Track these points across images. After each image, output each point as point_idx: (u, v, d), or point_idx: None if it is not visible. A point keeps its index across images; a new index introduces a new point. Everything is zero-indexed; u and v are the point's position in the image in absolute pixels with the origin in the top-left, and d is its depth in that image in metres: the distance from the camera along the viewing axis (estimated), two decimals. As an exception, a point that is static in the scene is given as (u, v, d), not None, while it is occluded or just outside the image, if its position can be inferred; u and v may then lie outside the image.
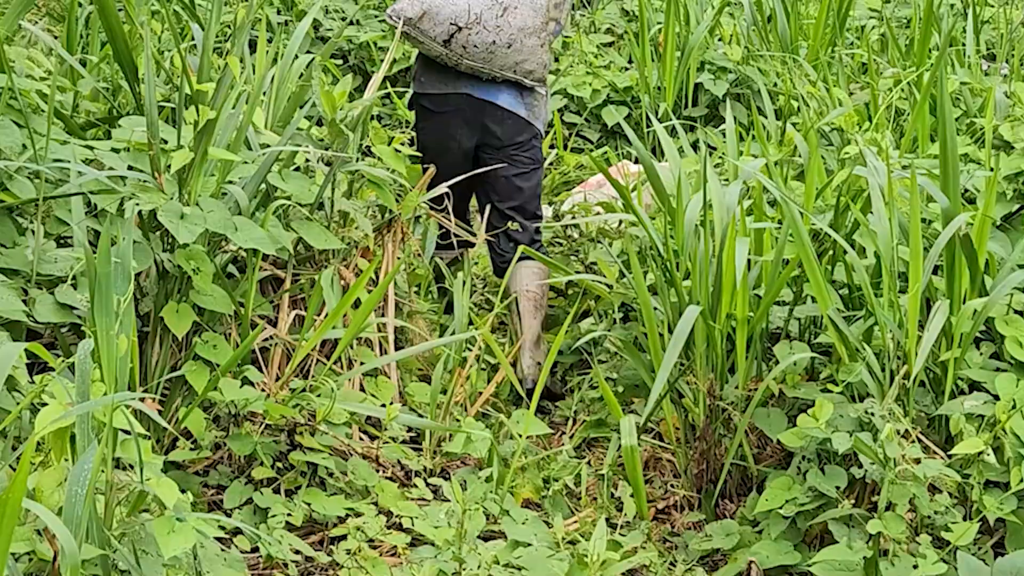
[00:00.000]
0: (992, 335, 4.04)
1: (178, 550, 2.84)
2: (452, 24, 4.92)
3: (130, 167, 3.88)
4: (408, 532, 3.77)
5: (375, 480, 3.94)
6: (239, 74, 3.98)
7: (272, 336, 4.11)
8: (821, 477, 3.76)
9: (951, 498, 3.65)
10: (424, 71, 5.14)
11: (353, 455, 3.99)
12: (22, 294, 3.54)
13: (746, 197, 4.28)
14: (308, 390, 3.87)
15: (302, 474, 3.85)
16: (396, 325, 4.38)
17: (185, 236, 3.63)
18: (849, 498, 3.73)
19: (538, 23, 5.02)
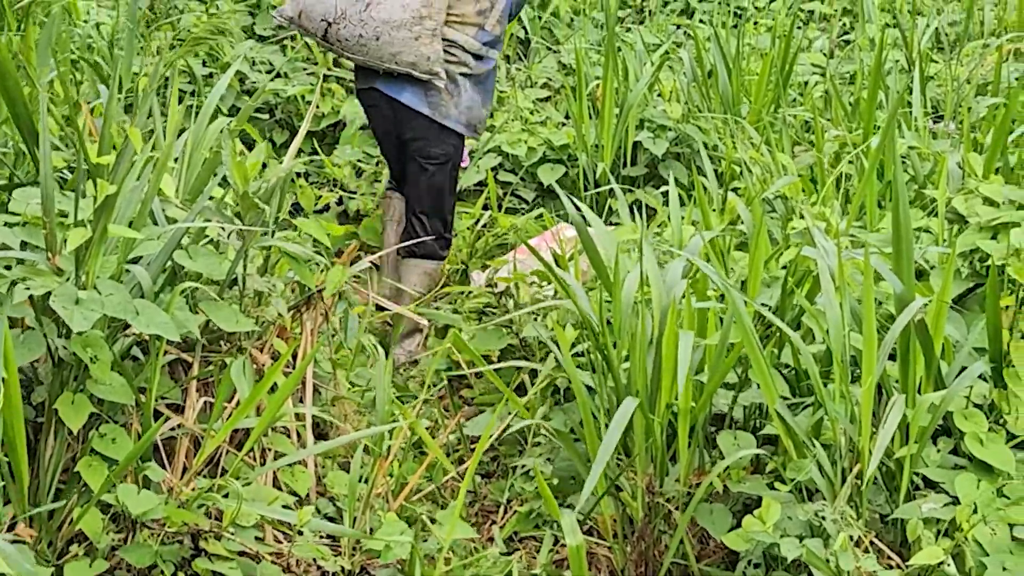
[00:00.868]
0: (949, 427, 3.79)
1: None
2: (323, 20, 5.29)
3: (23, 244, 3.57)
4: (324, 643, 3.47)
5: (287, 585, 3.64)
6: (140, 146, 3.67)
7: (179, 425, 3.80)
8: (769, 585, 3.50)
9: (909, 612, 3.38)
10: (354, 68, 5.57)
11: (264, 559, 3.67)
12: None
13: (687, 275, 4.02)
14: (215, 489, 3.55)
15: (208, 582, 3.53)
16: (314, 414, 4.07)
17: (80, 324, 3.31)
18: (800, 607, 3.46)
19: (406, 17, 5.24)
